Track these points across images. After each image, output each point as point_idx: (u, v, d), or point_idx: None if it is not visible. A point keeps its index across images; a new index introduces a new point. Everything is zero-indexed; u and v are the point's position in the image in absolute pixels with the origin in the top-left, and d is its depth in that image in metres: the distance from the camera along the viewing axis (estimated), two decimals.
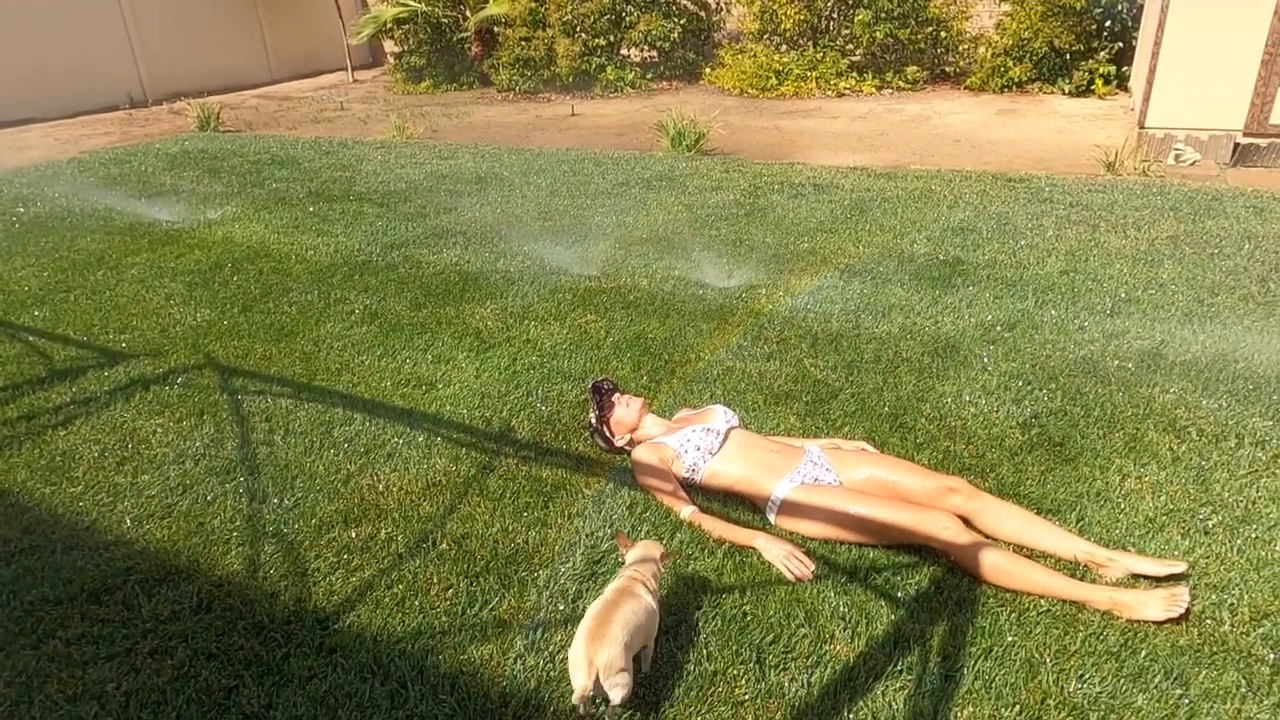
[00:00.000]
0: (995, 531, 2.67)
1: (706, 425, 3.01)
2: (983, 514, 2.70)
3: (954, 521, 2.56)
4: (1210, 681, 2.15)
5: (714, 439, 2.95)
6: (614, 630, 2.03)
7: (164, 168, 9.05)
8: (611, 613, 2.09)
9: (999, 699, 2.12)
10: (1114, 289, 4.63)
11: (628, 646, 2.02)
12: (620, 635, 2.02)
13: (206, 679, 2.23)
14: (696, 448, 2.93)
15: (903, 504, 2.65)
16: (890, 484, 2.78)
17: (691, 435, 2.96)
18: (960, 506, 2.69)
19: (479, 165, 8.46)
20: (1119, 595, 2.39)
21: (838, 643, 2.32)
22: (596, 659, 1.98)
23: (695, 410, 3.30)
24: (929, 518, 2.56)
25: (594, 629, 2.05)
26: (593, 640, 2.02)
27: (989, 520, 2.69)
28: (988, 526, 2.68)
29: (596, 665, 1.97)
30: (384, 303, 4.92)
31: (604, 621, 2.06)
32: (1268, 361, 3.76)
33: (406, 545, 2.76)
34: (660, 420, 3.21)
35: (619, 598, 2.16)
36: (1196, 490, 2.92)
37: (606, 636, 2.01)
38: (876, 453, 3.08)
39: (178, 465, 3.28)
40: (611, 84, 13.43)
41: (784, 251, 5.47)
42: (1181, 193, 6.31)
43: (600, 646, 1.99)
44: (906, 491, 2.75)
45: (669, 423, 3.21)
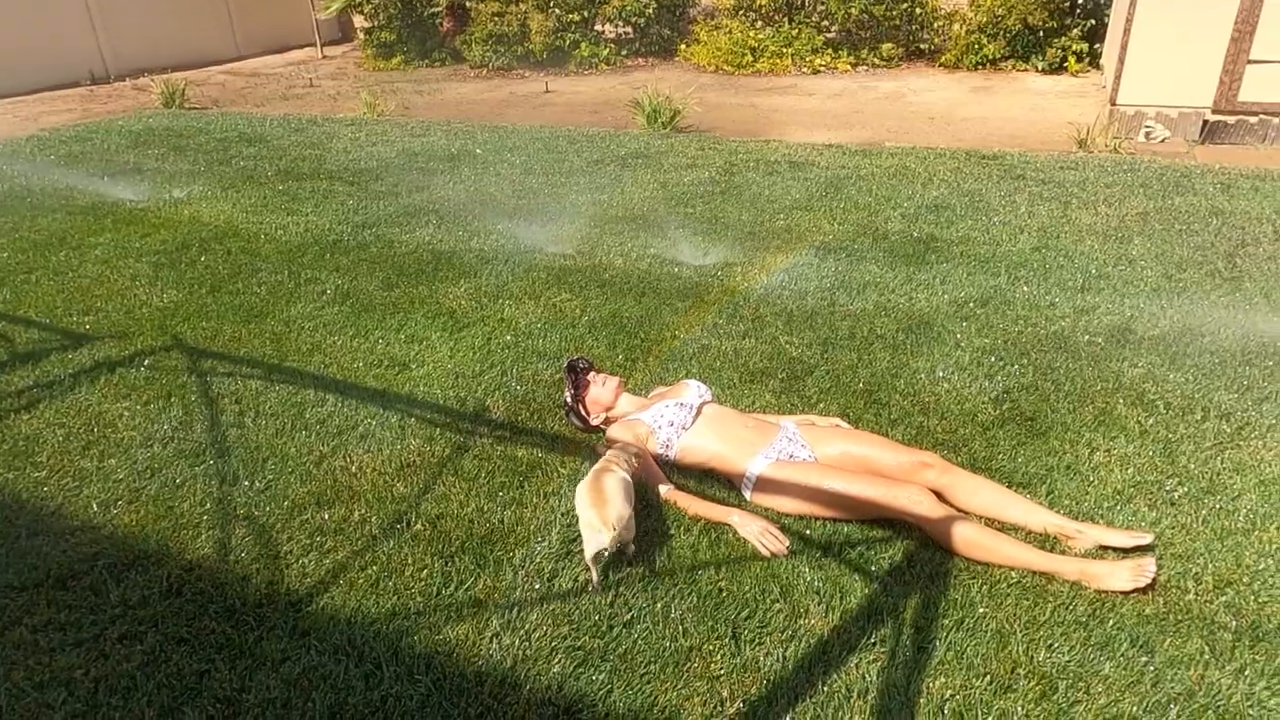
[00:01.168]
0: (967, 505, 2.70)
1: (679, 400, 3.01)
2: (955, 488, 2.72)
3: (927, 496, 2.58)
4: (1175, 649, 2.20)
5: (687, 414, 2.94)
6: (610, 492, 2.46)
7: (127, 145, 8.84)
8: (600, 482, 2.51)
9: (970, 669, 2.15)
10: (1085, 265, 4.68)
11: (629, 493, 2.49)
12: (618, 494, 2.45)
13: (177, 663, 2.21)
14: (670, 423, 2.92)
15: (876, 479, 2.67)
16: (864, 459, 2.80)
17: (664, 410, 2.96)
18: (933, 481, 2.71)
19: (451, 143, 8.35)
20: (1087, 566, 2.43)
21: (812, 617, 2.34)
22: (609, 517, 2.36)
23: (669, 386, 3.29)
24: (902, 493, 2.59)
25: (594, 498, 2.44)
26: (598, 505, 2.41)
27: (961, 495, 2.71)
28: (960, 500, 2.71)
29: (610, 520, 2.35)
30: (356, 282, 4.85)
31: (598, 489, 2.47)
32: (1233, 336, 3.82)
33: (380, 526, 2.74)
34: (635, 398, 3.20)
35: (599, 474, 2.56)
36: (1163, 462, 2.97)
37: (608, 499, 2.43)
38: (850, 428, 3.10)
39: (145, 449, 3.22)
40: (586, 60, 13.28)
41: (759, 229, 5.46)
42: (1151, 169, 6.37)
43: (607, 507, 2.40)
44: (880, 467, 2.77)
45: (643, 400, 3.20)
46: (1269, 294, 4.25)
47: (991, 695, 2.08)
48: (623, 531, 2.38)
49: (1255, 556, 2.52)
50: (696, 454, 2.90)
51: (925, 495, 2.58)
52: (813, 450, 2.85)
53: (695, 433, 2.92)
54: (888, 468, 2.76)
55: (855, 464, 2.80)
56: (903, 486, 2.61)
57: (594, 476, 2.58)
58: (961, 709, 2.04)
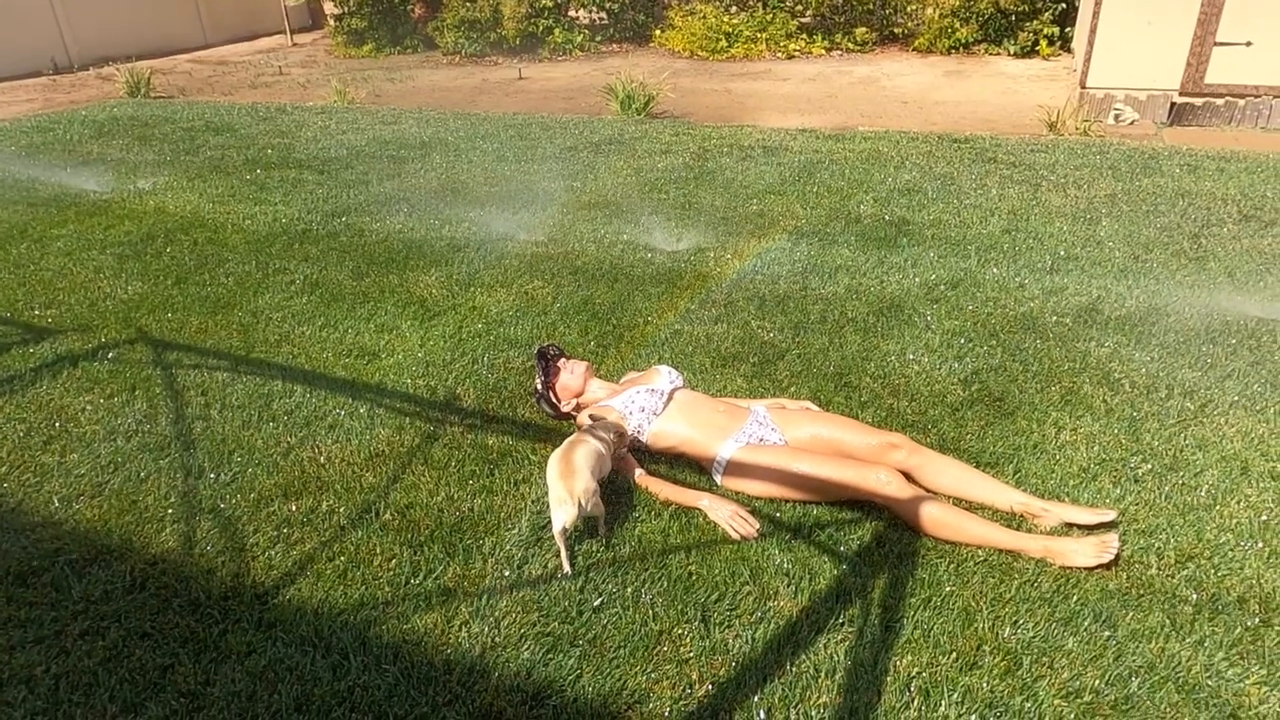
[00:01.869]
0: (935, 485, 2.72)
1: (650, 386, 3.00)
2: (923, 469, 2.74)
3: (895, 477, 2.60)
4: (1136, 622, 2.23)
5: (658, 399, 2.94)
6: (579, 464, 2.51)
7: (91, 136, 8.67)
8: (571, 454, 2.55)
9: (936, 647, 2.17)
10: (1054, 247, 4.71)
11: (596, 466, 2.55)
12: (585, 467, 2.50)
13: (140, 658, 2.18)
14: (640, 409, 2.92)
15: (846, 461, 2.68)
16: (833, 441, 2.81)
17: (635, 397, 2.95)
18: (902, 462, 2.73)
19: (423, 130, 8.26)
20: (1052, 543, 2.45)
21: (781, 598, 2.35)
22: (575, 489, 2.42)
23: (640, 372, 3.28)
24: (871, 474, 2.60)
25: (563, 469, 2.49)
26: (566, 477, 2.46)
27: (929, 475, 2.73)
28: (928, 481, 2.73)
29: (576, 493, 2.41)
30: (325, 272, 4.79)
31: (568, 461, 2.52)
32: (1197, 315, 3.87)
33: (349, 517, 2.72)
34: (606, 384, 3.19)
35: (572, 445, 2.62)
36: (1128, 440, 3.00)
37: (575, 471, 2.48)
38: (820, 411, 3.11)
39: (109, 442, 3.17)
40: (559, 47, 13.18)
41: (732, 214, 5.46)
42: (1120, 152, 6.42)
43: (574, 480, 2.45)
44: (849, 448, 2.78)
45: (615, 386, 3.19)
46: (1232, 273, 4.31)
47: (957, 672, 2.10)
48: (589, 505, 2.43)
49: (1216, 531, 2.56)
50: (668, 439, 2.90)
51: (894, 476, 2.60)
52: (782, 434, 2.86)
53: (667, 418, 2.91)
54: (857, 449, 2.77)
55: (825, 446, 2.80)
56: (871, 468, 2.62)
57: (566, 448, 2.61)
58: (928, 686, 2.06)
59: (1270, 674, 2.07)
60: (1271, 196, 5.38)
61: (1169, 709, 1.99)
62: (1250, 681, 2.06)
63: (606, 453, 2.67)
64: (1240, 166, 5.95)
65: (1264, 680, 2.06)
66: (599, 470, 2.58)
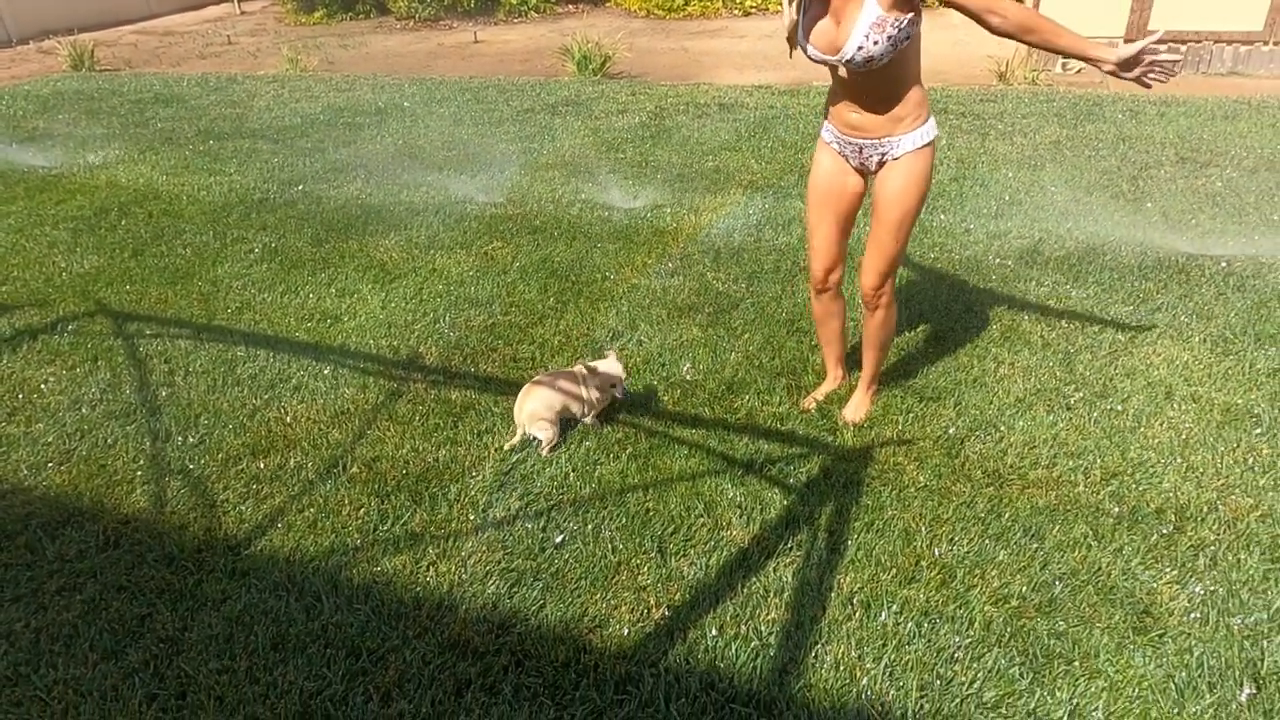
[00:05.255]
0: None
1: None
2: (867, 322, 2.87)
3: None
4: (1062, 535, 2.40)
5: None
6: (540, 392, 2.81)
7: (35, 111, 8.46)
8: (544, 382, 2.85)
9: (877, 565, 2.32)
10: (999, 193, 4.85)
11: (549, 407, 2.79)
12: (544, 396, 2.79)
13: (118, 609, 2.26)
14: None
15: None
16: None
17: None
18: (872, 292, 2.77)
19: (378, 97, 8.18)
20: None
21: (734, 529, 2.48)
22: (524, 410, 2.79)
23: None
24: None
25: (526, 390, 2.84)
26: (523, 399, 2.82)
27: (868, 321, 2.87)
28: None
29: (523, 414, 2.79)
30: (284, 240, 4.80)
31: (534, 387, 2.84)
32: (1131, 252, 4.04)
33: (317, 471, 2.80)
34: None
35: (555, 375, 2.89)
36: (1062, 371, 3.16)
37: (532, 396, 2.80)
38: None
39: (73, 411, 3.21)
40: (515, 9, 13.01)
41: (688, 171, 5.52)
42: (1066, 99, 6.57)
43: (527, 401, 2.80)
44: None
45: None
46: (1167, 212, 4.48)
47: (896, 586, 2.25)
48: (531, 427, 2.80)
49: (1139, 450, 2.73)
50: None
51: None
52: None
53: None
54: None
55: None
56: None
57: (548, 375, 2.92)
58: (869, 599, 2.21)
59: (1181, 575, 2.25)
60: (1209, 139, 5.56)
61: (1088, 609, 2.16)
62: (1163, 582, 2.23)
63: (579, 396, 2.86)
64: (1180, 111, 6.12)
65: (1175, 580, 2.23)
66: (558, 405, 2.83)
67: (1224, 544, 2.34)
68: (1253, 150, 5.30)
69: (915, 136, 2.46)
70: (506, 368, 3.36)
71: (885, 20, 2.22)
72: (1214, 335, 3.35)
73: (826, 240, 2.82)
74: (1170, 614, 2.14)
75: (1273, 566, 2.27)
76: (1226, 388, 3.03)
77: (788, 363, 3.31)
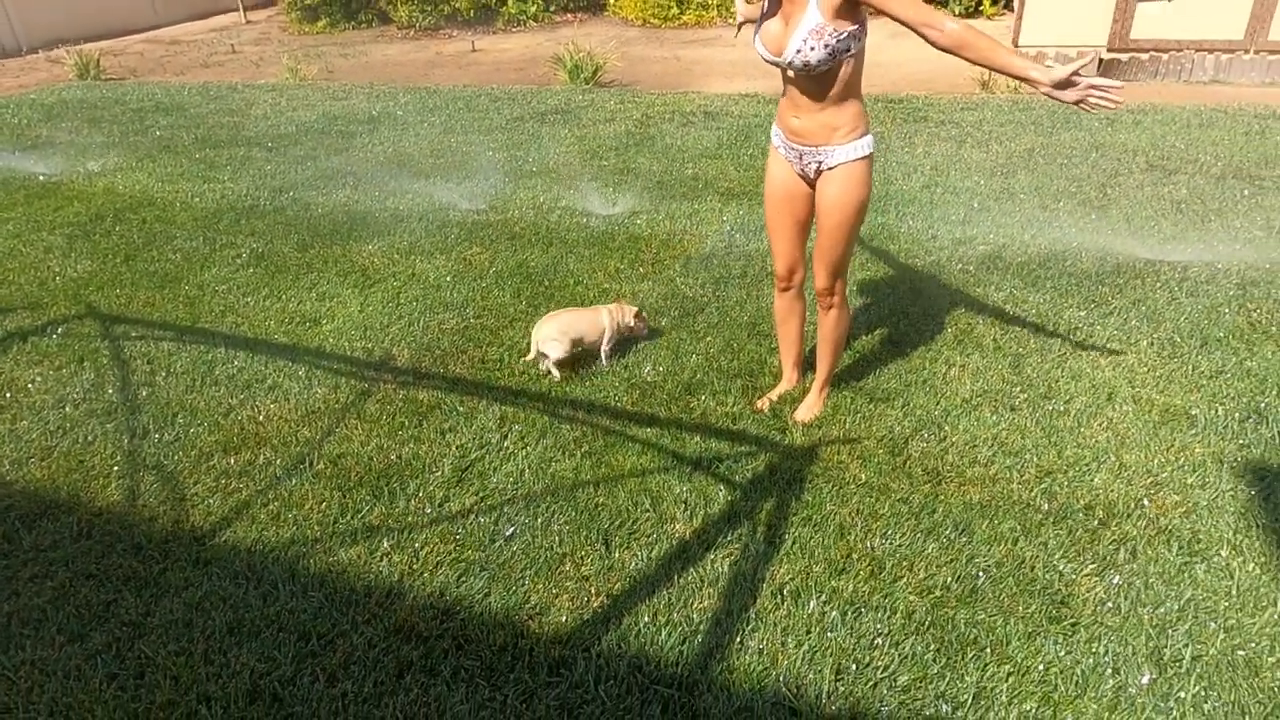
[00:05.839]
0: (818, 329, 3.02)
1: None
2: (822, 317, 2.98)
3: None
4: (991, 530, 2.49)
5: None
6: (557, 319, 3.28)
7: (40, 119, 8.66)
8: (565, 314, 3.33)
9: (811, 557, 2.42)
10: (969, 200, 4.95)
11: (563, 332, 3.25)
12: (560, 323, 3.26)
13: (86, 595, 2.38)
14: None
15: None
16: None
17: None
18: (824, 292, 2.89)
19: (373, 105, 8.34)
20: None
21: (678, 523, 2.58)
22: (538, 333, 3.26)
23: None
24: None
25: (545, 318, 3.31)
26: (541, 324, 3.29)
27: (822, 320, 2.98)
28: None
29: (537, 336, 3.25)
30: (271, 245, 4.93)
31: (555, 316, 3.31)
32: (1091, 258, 4.13)
33: (284, 467, 2.92)
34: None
35: (579, 310, 3.40)
36: (1010, 373, 3.26)
37: (549, 319, 3.29)
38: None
39: (57, 410, 3.34)
40: (514, 18, 13.19)
41: (668, 178, 5.64)
42: (1045, 108, 6.66)
43: (544, 324, 3.28)
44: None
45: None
46: (1130, 218, 4.57)
47: (826, 577, 2.35)
48: (542, 344, 3.26)
49: (1076, 449, 2.83)
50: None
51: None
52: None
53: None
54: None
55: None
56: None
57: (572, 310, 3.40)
58: (799, 589, 2.31)
59: (1100, 567, 2.34)
60: (1181, 147, 5.64)
61: (1008, 599, 2.25)
62: (1083, 574, 2.32)
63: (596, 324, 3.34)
64: (1155, 119, 6.21)
65: (1094, 572, 2.33)
66: (581, 333, 3.30)
67: (1145, 538, 2.43)
68: (1221, 158, 5.37)
69: (849, 149, 2.55)
70: (475, 369, 3.48)
71: (824, 28, 2.33)
72: (1162, 339, 3.44)
73: (785, 242, 2.93)
74: (1085, 604, 2.23)
75: (1189, 559, 2.36)
76: (1168, 389, 3.12)
77: (746, 365, 3.41)
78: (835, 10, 2.31)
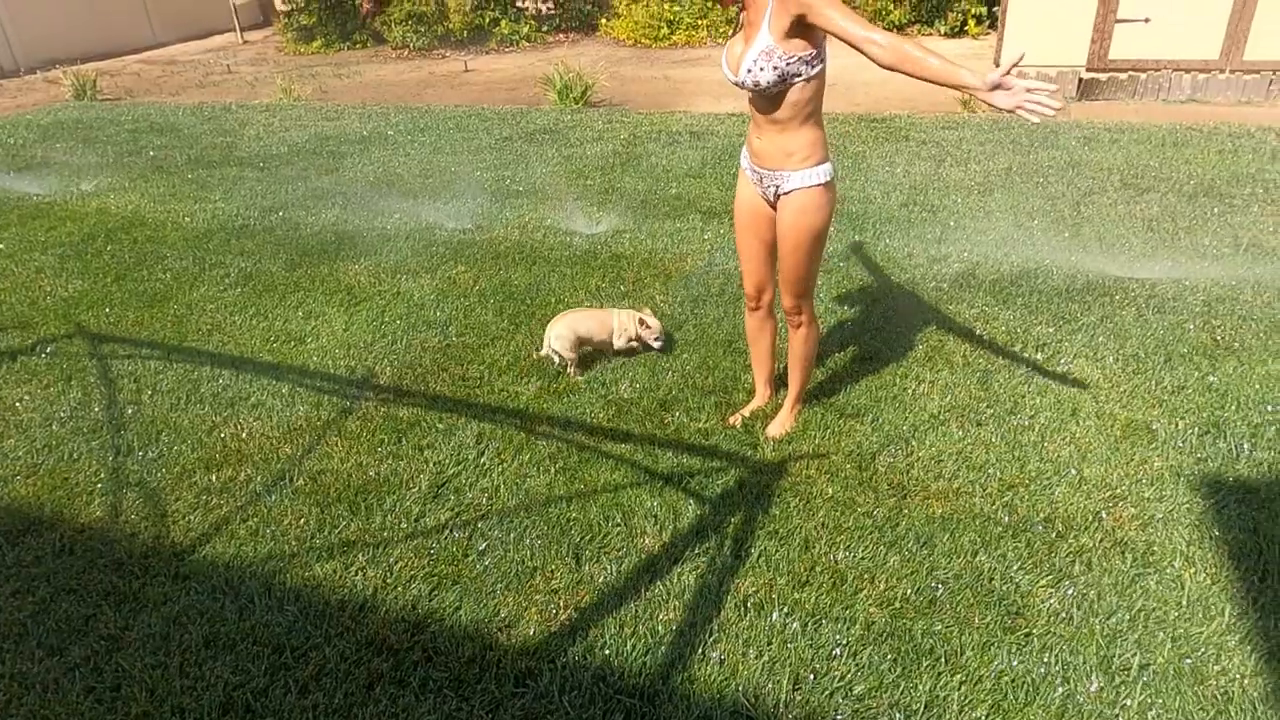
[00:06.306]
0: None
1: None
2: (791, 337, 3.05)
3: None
4: (952, 542, 2.55)
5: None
6: (569, 318, 3.52)
7: (35, 140, 8.75)
8: (575, 313, 3.57)
9: (775, 570, 2.48)
10: (945, 219, 5.04)
11: (572, 328, 3.47)
12: (569, 321, 3.50)
13: (66, 610, 2.43)
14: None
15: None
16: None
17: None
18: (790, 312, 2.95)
19: (364, 125, 8.44)
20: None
21: (648, 537, 2.64)
22: (551, 330, 3.48)
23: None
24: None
25: (557, 318, 3.53)
26: (553, 323, 3.51)
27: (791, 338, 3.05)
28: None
29: (549, 333, 3.48)
30: (260, 265, 5.01)
31: (566, 315, 3.54)
32: (1062, 275, 4.21)
33: (264, 484, 2.98)
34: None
35: (590, 310, 3.67)
36: (978, 389, 3.33)
37: (560, 321, 3.50)
38: None
39: (44, 428, 3.40)
40: (507, 38, 13.34)
41: (652, 198, 5.73)
42: (1023, 127, 6.77)
43: (556, 324, 3.50)
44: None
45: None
46: (1103, 236, 4.66)
47: (790, 589, 2.41)
48: (554, 343, 3.47)
49: (1038, 463, 2.89)
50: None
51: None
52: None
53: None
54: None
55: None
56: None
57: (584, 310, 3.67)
58: (763, 601, 2.37)
59: (1056, 578, 2.40)
60: (1155, 165, 5.75)
61: (964, 609, 2.31)
62: (1039, 585, 2.39)
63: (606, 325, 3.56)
64: (1132, 138, 6.32)
65: (1050, 584, 2.39)
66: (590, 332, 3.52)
67: (1101, 550, 2.50)
68: (1194, 176, 5.48)
69: (804, 175, 2.63)
70: (455, 386, 3.55)
71: (774, 51, 2.40)
72: (1128, 354, 3.51)
73: (753, 262, 3.00)
74: (1040, 615, 2.29)
75: (1143, 571, 2.42)
76: (1131, 404, 3.19)
77: (720, 381, 3.48)
78: (784, 32, 2.38)
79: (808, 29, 2.36)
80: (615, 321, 3.59)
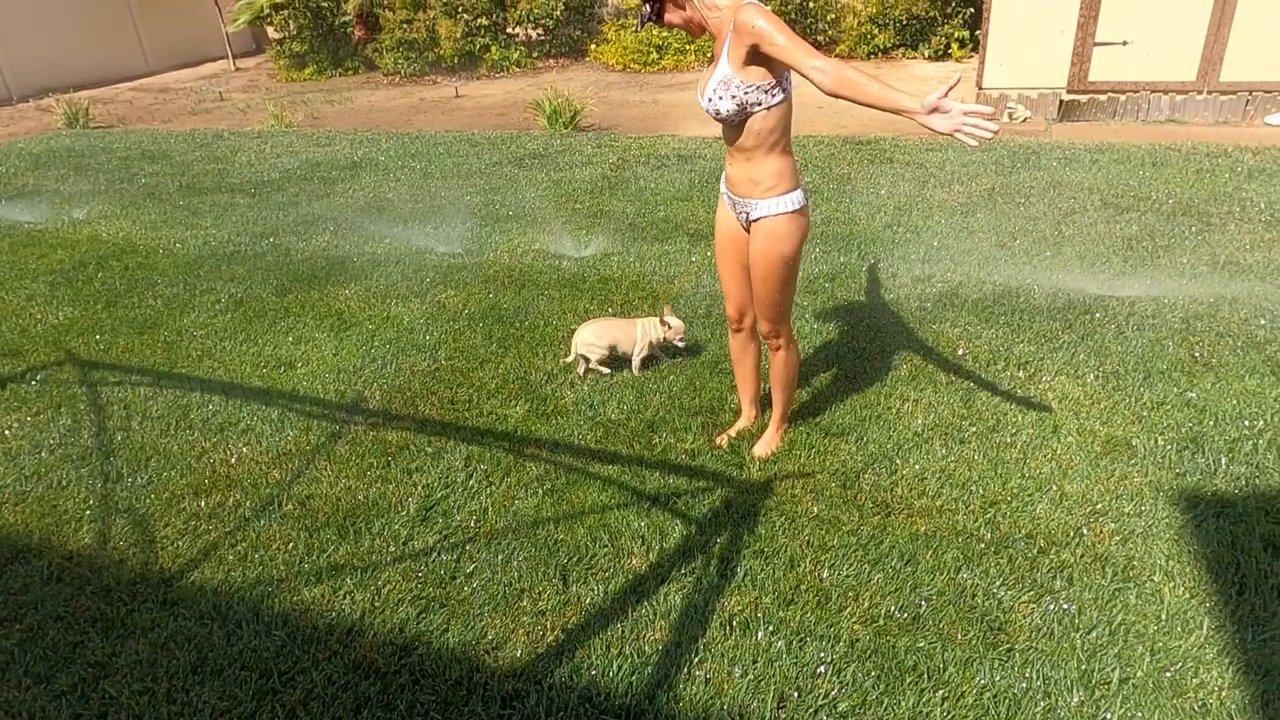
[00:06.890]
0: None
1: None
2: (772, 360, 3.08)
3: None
4: (935, 559, 2.58)
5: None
6: (594, 326, 3.68)
7: (27, 168, 8.80)
8: (603, 321, 3.75)
9: (760, 589, 2.50)
10: (929, 239, 5.11)
11: (599, 335, 3.64)
12: (596, 329, 3.66)
13: (54, 638, 2.43)
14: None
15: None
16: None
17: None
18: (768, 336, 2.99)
19: (355, 151, 8.52)
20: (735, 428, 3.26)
21: (635, 557, 2.66)
22: (578, 337, 3.67)
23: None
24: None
25: (584, 325, 3.71)
26: (581, 330, 3.68)
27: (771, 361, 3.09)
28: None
29: (577, 340, 3.66)
30: (250, 290, 5.04)
31: (593, 323, 3.70)
32: (1043, 294, 4.28)
33: (253, 509, 2.99)
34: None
35: (616, 319, 3.81)
36: (961, 407, 3.37)
37: (588, 328, 3.67)
38: None
39: (33, 455, 3.41)
40: (497, 64, 13.49)
41: (640, 220, 5.80)
42: (1007, 148, 6.88)
43: (583, 330, 3.68)
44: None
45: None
46: (1083, 255, 4.73)
47: (775, 608, 2.43)
48: (580, 348, 3.67)
49: (1020, 480, 2.93)
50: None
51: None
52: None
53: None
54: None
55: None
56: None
57: (609, 319, 3.84)
58: (748, 620, 2.39)
59: (1037, 594, 2.43)
60: (1135, 185, 5.84)
61: (947, 626, 2.34)
62: (1021, 601, 2.41)
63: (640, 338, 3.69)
64: (1112, 158, 6.42)
65: (1032, 599, 2.42)
66: (615, 340, 3.66)
67: (1082, 565, 2.53)
68: (1173, 195, 5.57)
69: (771, 204, 2.67)
70: (444, 410, 3.57)
71: (731, 80, 2.46)
72: (1108, 372, 3.56)
73: (733, 285, 3.05)
74: (1021, 630, 2.31)
75: (1123, 585, 2.45)
76: (1111, 421, 3.24)
77: (707, 402, 3.52)
78: (743, 61, 2.43)
79: (766, 59, 2.41)
80: (639, 330, 3.69)
